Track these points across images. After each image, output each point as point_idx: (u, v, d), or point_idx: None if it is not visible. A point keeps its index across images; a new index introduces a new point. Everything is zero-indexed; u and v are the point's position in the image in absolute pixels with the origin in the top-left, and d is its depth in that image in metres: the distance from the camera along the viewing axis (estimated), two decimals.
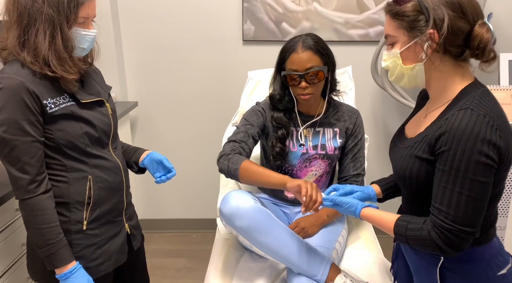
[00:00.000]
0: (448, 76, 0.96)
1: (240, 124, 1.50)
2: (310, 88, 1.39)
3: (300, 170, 1.52)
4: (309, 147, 1.51)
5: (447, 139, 0.88)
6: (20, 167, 1.02)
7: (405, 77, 1.00)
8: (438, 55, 0.94)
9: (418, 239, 0.94)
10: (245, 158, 1.37)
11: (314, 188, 1.18)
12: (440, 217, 0.90)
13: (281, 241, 1.29)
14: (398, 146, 1.07)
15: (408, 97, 2.13)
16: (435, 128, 0.92)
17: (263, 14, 2.26)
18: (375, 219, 1.05)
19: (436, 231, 0.90)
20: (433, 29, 0.91)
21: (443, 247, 0.90)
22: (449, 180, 0.88)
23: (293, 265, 1.30)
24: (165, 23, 2.32)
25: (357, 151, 1.53)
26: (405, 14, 0.95)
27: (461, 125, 0.86)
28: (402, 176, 1.00)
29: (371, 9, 2.24)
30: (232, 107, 2.11)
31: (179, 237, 2.62)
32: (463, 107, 0.89)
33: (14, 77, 1.01)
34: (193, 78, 2.41)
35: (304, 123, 1.51)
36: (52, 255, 1.05)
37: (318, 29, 2.27)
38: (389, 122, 2.47)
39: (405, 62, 0.98)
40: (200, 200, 2.61)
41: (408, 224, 0.96)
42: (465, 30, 0.91)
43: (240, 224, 1.29)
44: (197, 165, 2.55)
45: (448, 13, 0.90)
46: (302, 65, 1.38)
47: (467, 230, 0.88)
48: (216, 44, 2.34)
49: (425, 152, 0.94)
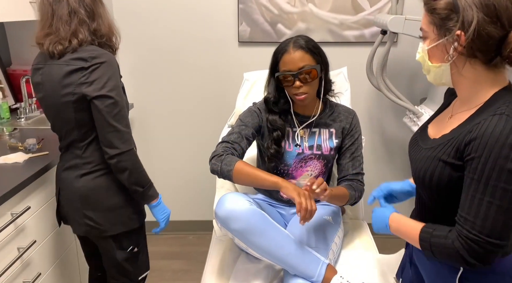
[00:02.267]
0: (478, 81, 0.90)
1: (235, 125, 1.50)
2: (304, 88, 1.40)
3: (295, 169, 1.52)
4: (305, 147, 1.51)
5: (478, 145, 0.83)
6: (126, 123, 1.28)
7: (431, 74, 0.96)
8: (464, 59, 0.88)
9: (443, 247, 0.89)
10: (239, 158, 1.38)
11: (307, 198, 1.21)
12: (466, 226, 0.85)
13: (276, 243, 1.29)
14: (420, 146, 1.01)
15: (403, 98, 2.14)
16: (465, 133, 0.87)
17: (258, 15, 2.26)
18: (403, 226, 1.02)
19: (461, 241, 0.86)
20: (460, 30, 0.85)
21: (468, 259, 0.85)
22: (478, 189, 0.83)
23: (289, 267, 1.30)
24: (160, 25, 2.32)
25: (354, 150, 1.53)
26: (437, 11, 0.89)
27: (495, 132, 0.81)
28: (422, 178, 0.95)
29: (366, 10, 2.24)
30: (228, 109, 2.11)
31: (175, 239, 2.61)
32: (498, 113, 0.83)
33: (108, 53, 1.28)
34: (188, 79, 2.41)
35: (301, 124, 1.51)
36: (151, 189, 1.37)
37: (313, 30, 2.27)
38: (385, 123, 2.47)
39: (432, 60, 0.94)
40: (196, 201, 2.60)
41: (434, 231, 0.92)
42: (497, 36, 0.84)
43: (236, 227, 1.29)
44: (193, 167, 2.55)
45: (479, 15, 0.83)
46: (295, 65, 1.39)
47: (494, 242, 0.84)
48: (212, 46, 2.34)
49: (451, 156, 0.89)
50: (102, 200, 1.35)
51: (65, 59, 1.25)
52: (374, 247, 1.59)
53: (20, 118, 2.10)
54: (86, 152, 1.32)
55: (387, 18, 1.92)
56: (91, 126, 1.29)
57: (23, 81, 2.10)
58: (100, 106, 1.23)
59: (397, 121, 2.43)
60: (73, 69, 1.24)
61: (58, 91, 1.27)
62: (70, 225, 1.44)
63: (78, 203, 1.35)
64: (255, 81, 1.93)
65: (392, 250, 1.46)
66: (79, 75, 1.23)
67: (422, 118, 2.05)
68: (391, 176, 1.66)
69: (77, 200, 1.35)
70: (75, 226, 1.41)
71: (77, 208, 1.36)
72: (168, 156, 2.53)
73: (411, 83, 2.38)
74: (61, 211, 1.45)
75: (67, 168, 1.36)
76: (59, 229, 1.59)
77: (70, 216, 1.41)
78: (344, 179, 1.53)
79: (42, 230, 1.54)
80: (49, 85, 1.28)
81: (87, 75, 1.23)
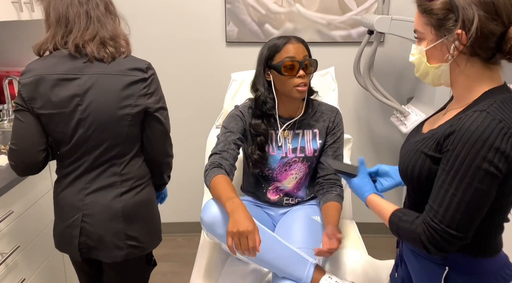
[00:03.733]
0: (475, 79, 0.90)
1: (220, 133, 1.47)
2: (306, 78, 1.39)
3: (280, 173, 1.52)
4: (288, 150, 1.50)
5: (454, 139, 0.85)
6: None
7: (429, 76, 0.96)
8: (465, 57, 0.88)
9: (407, 231, 0.93)
10: (218, 173, 1.31)
11: (242, 237, 1.12)
12: (430, 215, 0.88)
13: (264, 246, 1.27)
14: (410, 141, 1.03)
15: (390, 97, 2.15)
16: (446, 127, 0.89)
17: (246, 15, 2.26)
18: (378, 206, 1.05)
19: (423, 228, 0.89)
20: (461, 29, 0.85)
21: (426, 244, 0.89)
22: (446, 180, 0.86)
23: (277, 270, 1.30)
24: (147, 25, 2.29)
25: (337, 148, 1.52)
26: (434, 11, 0.88)
27: (471, 127, 0.82)
28: (406, 170, 0.98)
29: (353, 10, 2.25)
30: (215, 109, 2.10)
31: (164, 241, 2.52)
32: (479, 109, 0.84)
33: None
34: (176, 80, 2.39)
35: (283, 126, 1.49)
36: None
37: (301, 30, 2.27)
38: (372, 123, 2.49)
39: (430, 60, 0.93)
40: (184, 202, 2.58)
41: (403, 215, 0.95)
42: (498, 32, 0.84)
43: (222, 232, 1.26)
44: (181, 167, 2.52)
45: (479, 13, 0.83)
46: (299, 54, 1.38)
47: (452, 233, 0.86)
48: (199, 46, 2.33)
49: (432, 149, 0.91)
50: (145, 215, 1.28)
51: (120, 69, 1.18)
52: (362, 246, 1.59)
53: (3, 121, 2.06)
54: (126, 168, 1.23)
55: (374, 18, 1.93)
56: (136, 140, 1.24)
57: (6, 83, 2.06)
58: (162, 118, 1.23)
59: (384, 120, 2.44)
60: (134, 80, 1.18)
61: (114, 104, 1.16)
62: (100, 255, 1.26)
63: (120, 225, 1.22)
64: (243, 81, 1.92)
65: (380, 249, 1.47)
66: (140, 87, 1.19)
67: (409, 118, 2.06)
68: None
69: (119, 221, 1.22)
70: (111, 252, 1.25)
71: (117, 231, 1.23)
72: None
73: (398, 82, 2.40)
74: (88, 242, 1.24)
75: (98, 189, 1.21)
76: (43, 233, 1.56)
77: (104, 244, 1.24)
78: (326, 179, 1.51)
79: (25, 235, 1.50)
80: (100, 98, 1.16)
81: (148, 87, 1.20)
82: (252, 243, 1.12)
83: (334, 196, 1.47)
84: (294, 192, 1.57)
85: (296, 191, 1.57)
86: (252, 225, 1.14)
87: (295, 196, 1.58)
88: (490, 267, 0.95)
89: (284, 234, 1.39)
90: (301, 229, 1.42)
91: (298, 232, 1.42)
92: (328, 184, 1.51)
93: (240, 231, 1.12)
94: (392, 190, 1.18)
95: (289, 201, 1.58)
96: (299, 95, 1.41)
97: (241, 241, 1.13)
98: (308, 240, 1.40)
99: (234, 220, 1.14)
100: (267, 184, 1.55)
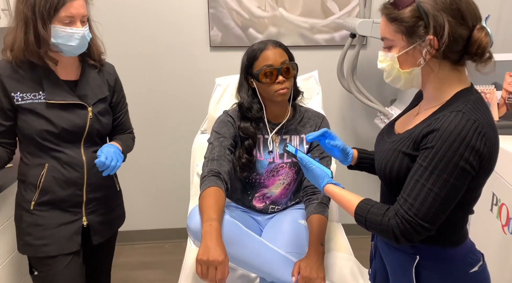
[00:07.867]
0: (445, 80, 0.96)
1: (213, 139, 1.45)
2: (286, 83, 1.40)
3: (267, 179, 1.52)
4: (275, 155, 1.50)
5: (433, 137, 0.89)
6: None
7: (401, 81, 0.99)
8: (437, 61, 0.93)
9: (377, 223, 0.96)
10: (214, 184, 1.29)
11: (210, 267, 1.09)
12: (404, 207, 0.92)
13: (251, 251, 1.27)
14: (385, 140, 1.07)
15: (373, 99, 2.18)
16: (424, 126, 0.93)
17: (229, 20, 2.26)
18: (339, 197, 1.07)
19: (397, 220, 0.92)
20: (433, 35, 0.90)
21: (398, 236, 0.92)
22: (423, 175, 0.90)
23: (265, 274, 1.30)
24: (131, 30, 2.27)
25: (323, 151, 1.52)
26: (403, 19, 0.93)
27: (450, 127, 0.87)
28: (384, 169, 1.01)
29: (335, 14, 2.28)
30: (200, 114, 2.09)
31: (151, 248, 2.56)
32: (456, 110, 0.89)
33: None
34: (160, 85, 2.37)
35: (273, 131, 1.50)
36: None
37: (285, 34, 2.29)
38: (357, 125, 2.51)
39: (403, 66, 0.97)
40: (171, 209, 2.56)
41: (371, 207, 0.98)
42: (465, 36, 0.90)
43: None
44: (166, 173, 2.51)
45: (449, 20, 0.89)
46: (277, 60, 1.39)
47: (425, 225, 0.91)
48: (183, 51, 2.32)
49: (410, 148, 0.95)
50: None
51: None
52: (348, 247, 1.60)
53: None
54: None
55: (356, 21, 1.95)
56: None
57: None
58: None
59: (368, 122, 2.47)
60: None
61: None
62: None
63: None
64: (227, 86, 1.92)
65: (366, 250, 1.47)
66: None
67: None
68: (362, 176, 1.68)
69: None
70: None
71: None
72: (140, 162, 2.48)
73: (381, 85, 2.43)
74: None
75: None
76: (17, 252, 1.41)
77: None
78: (312, 187, 1.48)
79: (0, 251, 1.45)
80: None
81: None
82: (221, 274, 1.09)
83: (315, 206, 1.44)
84: (280, 199, 1.57)
85: (283, 197, 1.57)
86: (224, 255, 1.10)
87: (281, 203, 1.58)
88: (457, 255, 1.01)
89: (271, 238, 1.39)
90: (288, 233, 1.42)
91: (285, 236, 1.42)
92: (311, 188, 1.49)
93: (210, 260, 1.08)
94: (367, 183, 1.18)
95: (274, 209, 1.58)
96: (281, 98, 1.42)
97: (209, 271, 1.09)
98: (295, 244, 1.40)
99: (205, 247, 1.10)
100: (254, 191, 1.55)
